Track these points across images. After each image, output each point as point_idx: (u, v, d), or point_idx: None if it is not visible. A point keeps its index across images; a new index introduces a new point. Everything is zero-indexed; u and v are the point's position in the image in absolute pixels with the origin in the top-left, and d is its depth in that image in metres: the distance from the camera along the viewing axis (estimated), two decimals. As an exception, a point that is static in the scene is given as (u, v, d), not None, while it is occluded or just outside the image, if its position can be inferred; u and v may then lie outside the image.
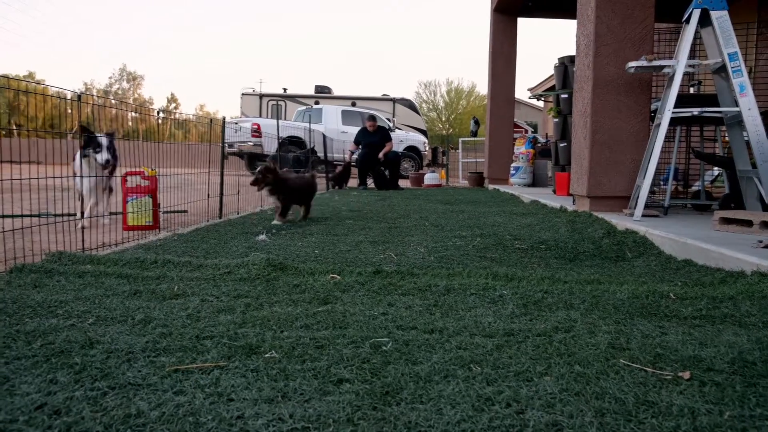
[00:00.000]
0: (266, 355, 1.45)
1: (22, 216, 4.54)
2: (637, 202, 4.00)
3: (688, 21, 3.99)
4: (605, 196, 4.54)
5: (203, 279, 2.33)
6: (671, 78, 4.02)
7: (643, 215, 3.92)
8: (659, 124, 4.00)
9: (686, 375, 1.32)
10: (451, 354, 1.48)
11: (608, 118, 4.50)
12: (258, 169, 4.40)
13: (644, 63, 4.09)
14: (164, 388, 1.24)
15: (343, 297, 2.06)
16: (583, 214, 4.40)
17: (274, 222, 4.40)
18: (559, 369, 1.38)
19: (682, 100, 4.07)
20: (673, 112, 3.92)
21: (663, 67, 4.08)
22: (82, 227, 4.27)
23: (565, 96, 7.18)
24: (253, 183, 4.35)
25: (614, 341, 1.59)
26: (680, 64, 3.94)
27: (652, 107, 4.61)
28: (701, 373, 1.35)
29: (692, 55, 4.08)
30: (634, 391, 1.24)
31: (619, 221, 3.85)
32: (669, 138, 4.20)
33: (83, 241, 3.32)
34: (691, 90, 5.87)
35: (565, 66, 7.30)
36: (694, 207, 4.97)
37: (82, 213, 4.76)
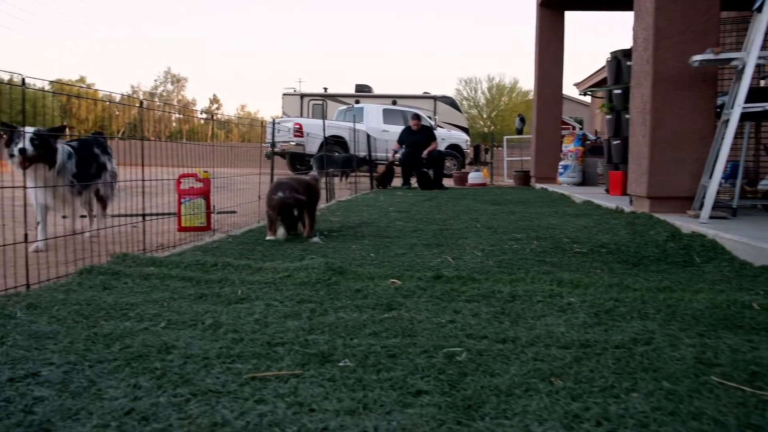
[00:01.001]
0: (340, 364, 1.43)
1: (84, 217, 4.71)
2: (702, 203, 3.82)
3: (759, 10, 3.78)
4: (666, 196, 4.37)
5: (264, 283, 2.35)
6: (741, 71, 3.82)
7: (710, 217, 3.74)
8: (727, 120, 3.82)
9: (792, 396, 1.23)
10: (529, 366, 1.43)
11: (669, 115, 4.33)
12: (285, 209, 3.53)
13: (711, 56, 3.90)
14: (245, 396, 1.24)
15: (407, 303, 2.04)
16: (643, 215, 4.24)
17: (270, 238, 3.62)
18: (646, 385, 1.32)
19: (754, 94, 3.86)
20: (743, 108, 3.72)
21: (731, 59, 3.88)
22: (36, 250, 3.52)
23: (619, 92, 6.95)
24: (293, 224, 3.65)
25: (701, 356, 1.50)
26: (751, 56, 3.73)
27: (718, 102, 4.40)
28: (809, 394, 1.26)
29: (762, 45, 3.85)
30: (735, 413, 1.17)
31: (684, 223, 3.69)
32: (736, 134, 3.99)
33: (144, 242, 3.41)
34: (762, 83, 5.57)
35: (618, 60, 7.06)
36: (764, 208, 4.71)
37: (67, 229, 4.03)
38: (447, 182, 11.06)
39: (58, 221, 4.46)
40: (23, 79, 2.47)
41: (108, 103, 3.85)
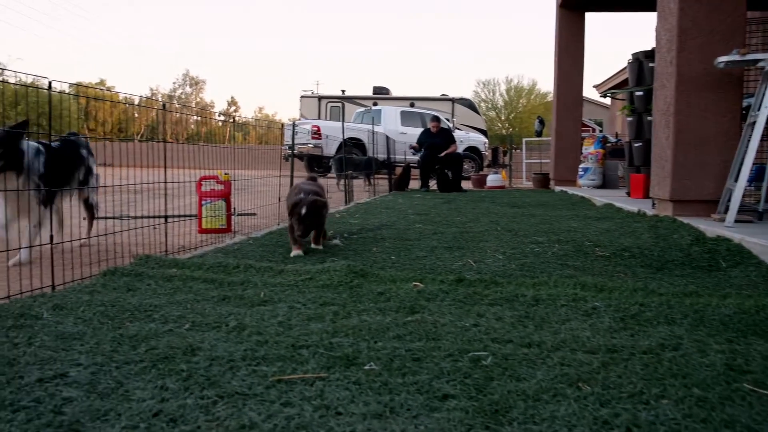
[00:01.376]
0: (365, 367, 1.43)
1: (105, 218, 4.77)
2: (727, 206, 3.75)
3: (787, 11, 3.71)
4: (690, 200, 4.30)
5: (286, 285, 2.35)
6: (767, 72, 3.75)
7: (736, 221, 3.67)
8: (754, 123, 3.74)
9: (831, 405, 1.20)
10: (556, 371, 1.41)
11: (694, 117, 4.26)
12: (302, 213, 3.15)
13: (737, 57, 3.83)
14: (271, 399, 1.25)
15: (430, 306, 2.03)
16: (666, 219, 4.18)
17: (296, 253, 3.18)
18: (676, 391, 1.29)
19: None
20: (770, 110, 3.66)
21: (758, 61, 3.81)
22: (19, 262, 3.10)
23: (641, 93, 6.86)
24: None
25: (731, 362, 1.47)
26: (779, 57, 3.67)
27: (744, 104, 4.33)
28: None
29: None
30: (770, 421, 1.14)
31: (708, 227, 3.62)
32: (762, 137, 3.91)
33: (166, 244, 3.44)
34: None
35: (640, 62, 6.98)
36: None
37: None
38: (465, 184, 11.01)
39: (81, 224, 4.53)
40: (50, 83, 2.51)
41: (128, 105, 3.85)
